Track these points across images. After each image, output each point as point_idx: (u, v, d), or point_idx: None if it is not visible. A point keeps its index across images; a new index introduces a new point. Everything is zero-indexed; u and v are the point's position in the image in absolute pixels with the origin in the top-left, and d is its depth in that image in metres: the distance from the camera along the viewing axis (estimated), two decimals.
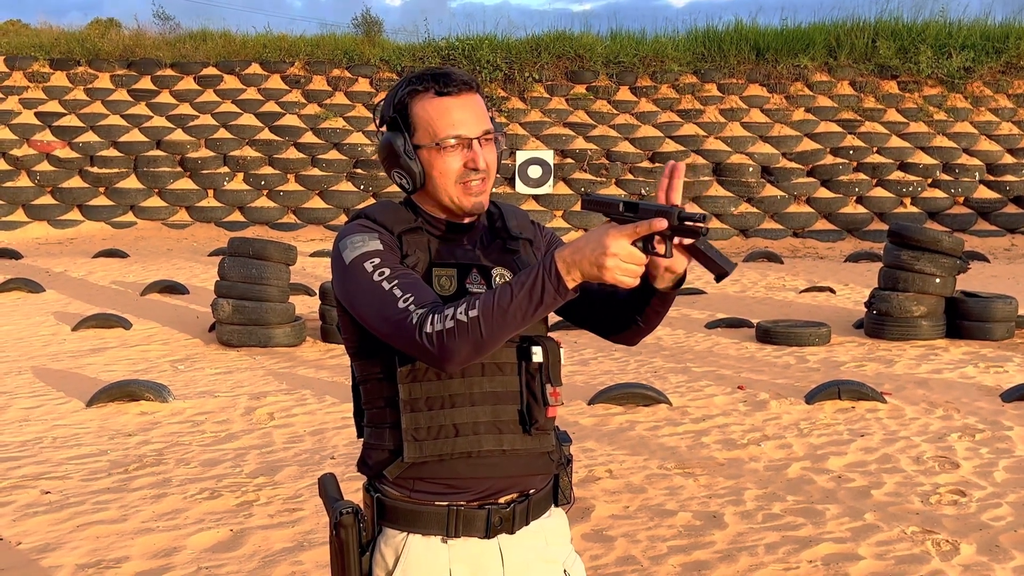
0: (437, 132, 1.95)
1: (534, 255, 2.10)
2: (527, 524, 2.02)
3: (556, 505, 2.13)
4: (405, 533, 1.97)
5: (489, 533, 1.96)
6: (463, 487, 1.95)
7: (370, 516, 2.00)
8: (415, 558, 1.95)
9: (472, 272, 1.99)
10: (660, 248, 1.77)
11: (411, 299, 1.82)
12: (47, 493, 5.20)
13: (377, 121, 2.06)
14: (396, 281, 1.86)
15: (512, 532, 1.99)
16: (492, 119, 2.06)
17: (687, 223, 1.72)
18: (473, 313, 1.74)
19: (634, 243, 1.72)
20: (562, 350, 2.01)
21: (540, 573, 2.04)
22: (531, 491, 2.03)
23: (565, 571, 2.08)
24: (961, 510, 5.00)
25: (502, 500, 1.99)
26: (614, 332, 2.11)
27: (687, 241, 1.79)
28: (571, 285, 1.74)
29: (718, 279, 1.82)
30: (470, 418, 1.92)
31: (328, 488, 2.06)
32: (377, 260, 1.90)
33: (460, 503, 1.95)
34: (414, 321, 1.79)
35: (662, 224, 1.70)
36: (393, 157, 1.99)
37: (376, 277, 1.87)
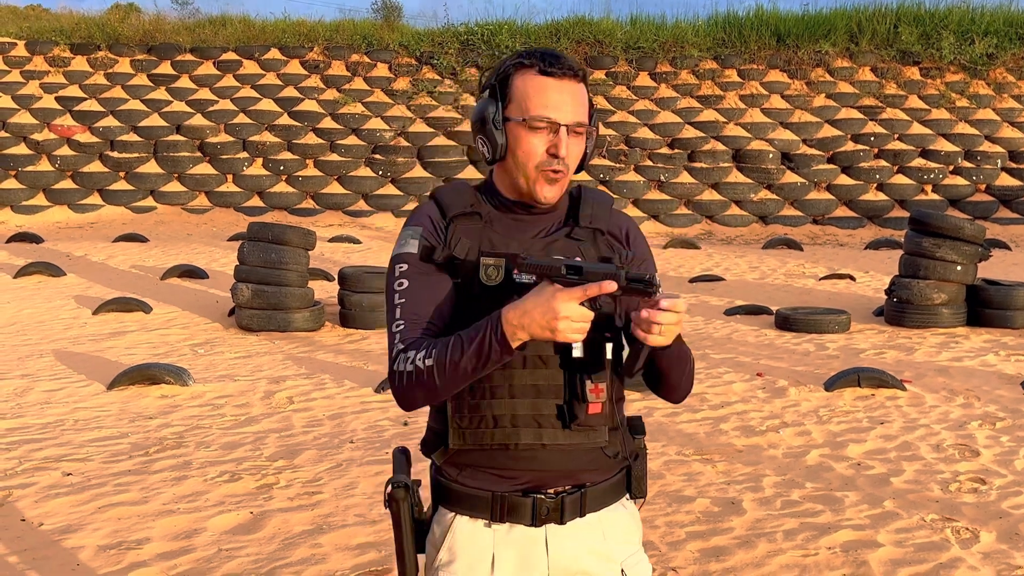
0: (529, 108, 1.92)
1: (611, 248, 2.02)
2: (581, 516, 1.98)
3: (632, 498, 2.08)
4: (454, 513, 1.99)
5: (535, 521, 1.94)
6: (507, 476, 1.94)
7: (431, 495, 2.05)
8: (460, 539, 1.98)
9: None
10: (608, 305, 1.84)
11: (402, 327, 1.92)
12: (69, 475, 5.24)
13: (479, 87, 2.05)
14: (404, 300, 1.94)
15: (562, 522, 1.96)
16: (592, 115, 2.00)
17: (634, 284, 1.75)
18: (429, 362, 1.83)
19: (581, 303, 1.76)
20: (608, 344, 1.92)
21: (590, 567, 1.99)
22: (585, 483, 1.98)
23: (623, 571, 2.02)
24: (981, 498, 4.98)
25: (551, 490, 1.96)
26: (655, 388, 2.07)
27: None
28: (515, 345, 1.79)
29: (631, 375, 1.91)
30: (508, 410, 1.91)
31: (395, 462, 2.09)
32: (405, 267, 1.97)
33: (505, 490, 1.94)
34: (393, 353, 1.91)
35: (612, 286, 1.73)
36: (480, 123, 1.97)
37: (396, 286, 1.96)
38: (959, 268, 9.83)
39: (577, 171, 2.03)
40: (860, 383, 7.22)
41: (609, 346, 1.91)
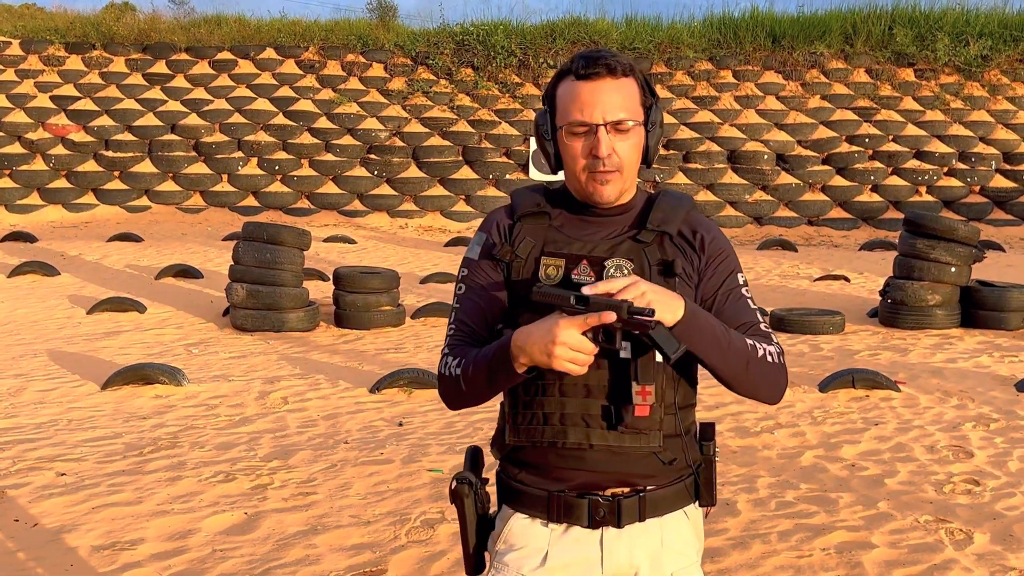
0: (566, 115, 1.95)
1: (680, 251, 2.00)
2: (640, 520, 1.95)
3: (701, 505, 2.05)
4: (514, 511, 2.02)
5: (592, 524, 1.94)
6: (560, 476, 1.96)
7: (496, 492, 2.09)
8: (517, 535, 2.01)
9: (581, 263, 1.95)
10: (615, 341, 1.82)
11: (452, 331, 2.03)
12: (63, 475, 5.24)
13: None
14: (459, 306, 2.05)
15: (619, 526, 1.94)
16: (647, 108, 1.99)
17: (636, 317, 1.75)
18: (457, 372, 1.94)
19: (584, 334, 1.77)
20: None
21: (644, 573, 1.97)
22: (644, 487, 1.96)
23: None
24: (975, 499, 4.99)
25: (608, 492, 1.95)
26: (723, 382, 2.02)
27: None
28: (520, 369, 1.82)
29: (666, 360, 1.86)
30: (557, 408, 1.92)
31: (466, 458, 2.11)
32: (466, 271, 2.06)
33: (563, 490, 1.95)
34: (442, 352, 2.03)
35: (611, 317, 1.74)
36: (537, 136, 2.04)
37: (457, 290, 2.07)
38: (953, 269, 9.84)
39: (646, 166, 2.05)
40: (854, 384, 7.23)
41: (627, 344, 1.89)
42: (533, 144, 20.11)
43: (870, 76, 21.80)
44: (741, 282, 2.07)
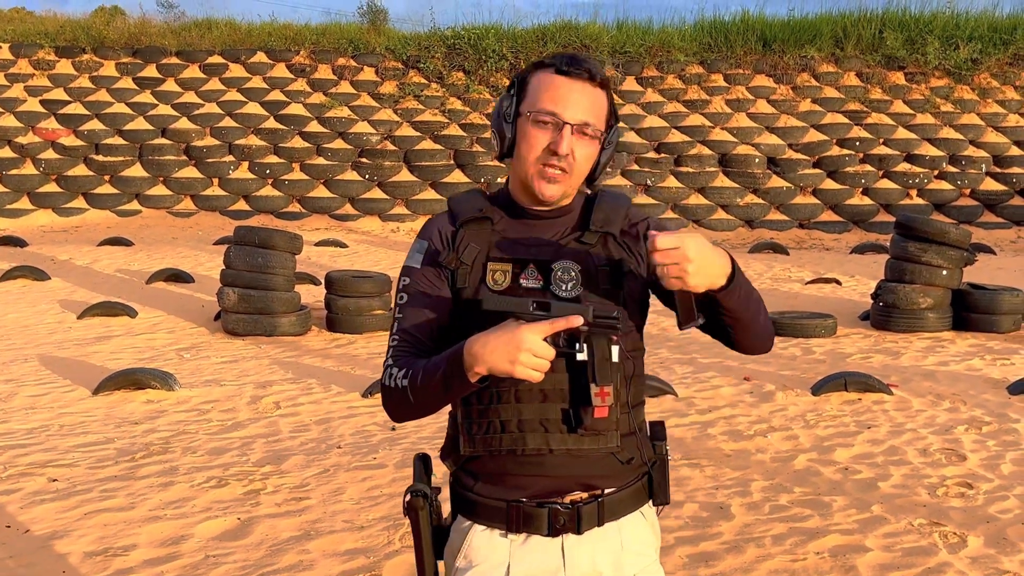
0: (536, 103, 1.92)
1: (624, 249, 2.00)
2: (599, 525, 1.95)
3: (655, 504, 2.06)
4: (471, 522, 1.98)
5: (552, 532, 1.92)
6: (519, 484, 1.93)
7: (450, 503, 2.05)
8: (477, 548, 1.97)
9: (528, 267, 1.95)
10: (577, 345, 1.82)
11: (395, 342, 1.98)
12: (54, 481, 5.21)
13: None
14: (401, 316, 2.00)
15: (579, 532, 1.93)
16: (611, 126, 2.00)
17: (601, 319, 1.76)
18: (404, 383, 1.88)
19: (544, 339, 1.75)
20: (615, 347, 1.87)
21: None
22: (603, 491, 1.95)
23: None
24: (968, 502, 5.00)
25: (567, 499, 1.93)
26: (726, 341, 2.03)
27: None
28: (473, 379, 1.78)
29: (681, 327, 1.86)
30: (514, 415, 1.90)
31: (415, 469, 2.08)
32: (407, 280, 2.02)
33: (520, 499, 1.93)
34: (384, 365, 1.98)
35: (578, 321, 1.74)
36: (496, 117, 1.99)
37: (398, 300, 2.02)
38: (945, 272, 9.86)
39: (590, 181, 2.02)
40: (847, 387, 7.24)
41: (615, 348, 1.88)
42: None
43: (860, 79, 21.85)
44: None
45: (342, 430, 6.32)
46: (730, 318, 1.92)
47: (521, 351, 1.71)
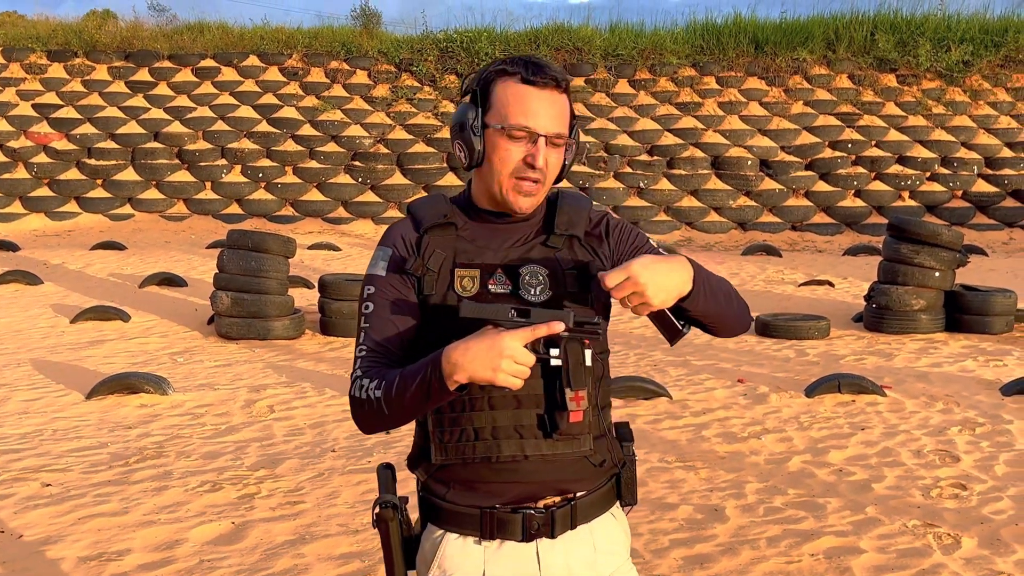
0: (508, 116, 1.90)
1: (589, 251, 2.00)
2: (572, 528, 1.95)
3: (623, 505, 2.07)
4: (443, 531, 1.96)
5: (526, 537, 1.92)
6: (493, 491, 1.91)
7: (419, 511, 2.03)
8: (451, 556, 1.95)
9: (496, 272, 1.94)
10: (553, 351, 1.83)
11: (363, 353, 1.94)
12: (48, 486, 5.20)
13: (461, 91, 2.03)
14: (368, 325, 1.96)
15: (552, 536, 1.93)
16: (573, 127, 1.99)
17: (583, 325, 1.76)
18: (378, 394, 1.84)
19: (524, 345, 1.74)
20: (588, 351, 1.88)
21: None
22: (575, 494, 1.95)
23: None
24: (962, 504, 5.01)
25: (540, 504, 1.93)
26: (707, 331, 2.06)
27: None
28: (452, 387, 1.76)
29: (672, 343, 1.89)
30: (488, 422, 1.88)
31: (380, 480, 2.05)
32: (372, 289, 1.99)
33: (494, 506, 1.92)
34: (352, 376, 1.93)
35: (559, 327, 1.73)
36: (459, 128, 1.96)
37: (363, 309, 1.98)
38: (937, 274, 9.89)
39: (556, 182, 2.02)
40: (840, 389, 7.25)
41: (589, 352, 1.89)
42: None
43: (852, 82, 21.90)
44: (656, 246, 2.06)
45: (336, 434, 6.31)
46: (704, 317, 1.96)
47: (503, 358, 1.69)
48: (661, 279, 1.77)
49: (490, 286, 1.93)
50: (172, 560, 4.24)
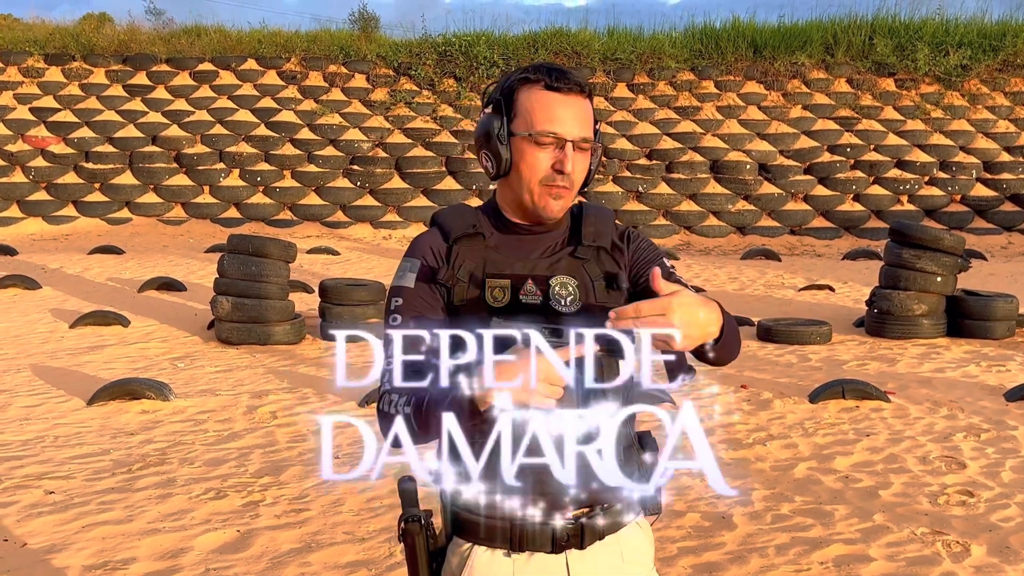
0: (535, 123, 1.89)
1: (615, 262, 1.99)
2: (600, 539, 1.94)
3: (647, 515, 2.06)
4: (471, 544, 1.94)
5: (555, 548, 1.91)
6: (520, 501, 1.88)
7: (443, 523, 2.00)
8: (479, 570, 1.93)
9: (527, 283, 1.93)
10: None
11: (391, 365, 1.84)
12: (51, 493, 5.17)
13: (483, 102, 2.02)
14: (396, 337, 1.88)
15: (582, 547, 1.92)
16: (596, 131, 1.98)
17: (614, 342, 1.70)
18: (407, 411, 1.81)
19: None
20: (622, 363, 1.81)
21: None
22: (602, 504, 1.94)
23: None
24: (970, 511, 4.99)
25: (569, 515, 1.91)
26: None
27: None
28: (484, 408, 1.70)
29: (671, 379, 1.81)
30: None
31: (403, 494, 2.01)
32: (400, 301, 1.96)
33: (520, 517, 1.89)
34: (380, 389, 1.91)
35: (592, 347, 1.68)
36: (485, 138, 1.94)
37: (390, 321, 1.95)
38: (939, 279, 9.88)
39: (583, 188, 2.00)
40: (844, 395, 7.23)
41: (622, 363, 1.85)
42: None
43: (851, 86, 21.91)
44: (669, 264, 2.03)
45: (339, 440, 6.19)
46: (714, 361, 1.89)
47: (538, 380, 1.66)
48: (692, 323, 1.68)
49: (521, 296, 1.91)
50: (178, 569, 4.22)
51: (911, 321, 9.82)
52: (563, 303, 1.92)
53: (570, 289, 1.93)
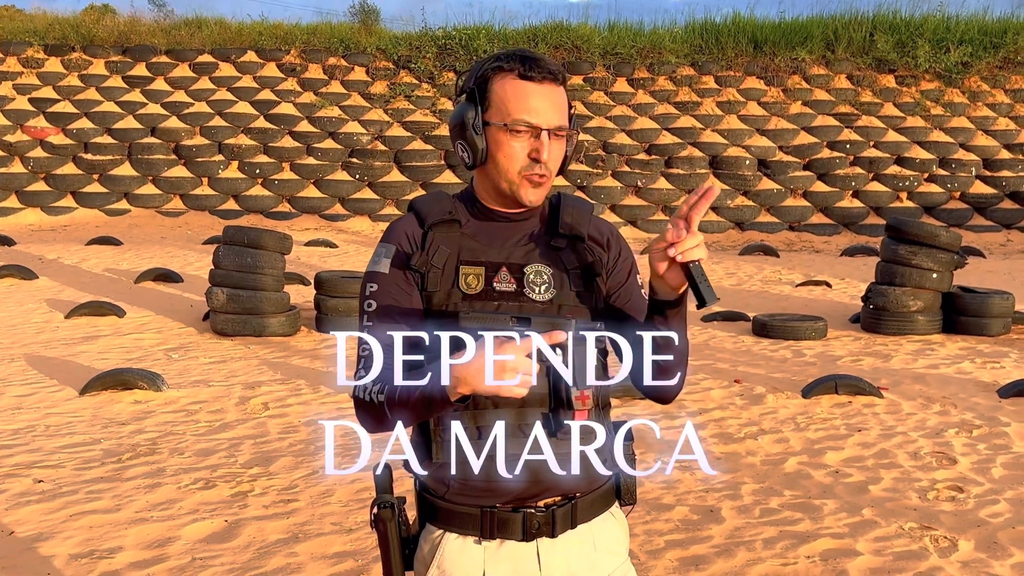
0: (510, 113, 1.89)
1: (591, 254, 1.99)
2: (572, 528, 1.94)
3: (622, 505, 2.06)
4: (442, 531, 1.94)
5: (527, 536, 1.90)
6: (494, 490, 1.89)
7: (416, 511, 2.01)
8: (450, 557, 1.93)
9: (501, 271, 1.93)
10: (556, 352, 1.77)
11: (367, 352, 1.88)
12: (40, 482, 5.16)
13: (456, 91, 2.01)
14: (370, 324, 1.92)
15: (553, 536, 1.92)
16: (571, 118, 1.98)
17: (584, 332, 1.75)
18: (381, 398, 1.81)
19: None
20: (593, 351, 1.85)
21: None
22: (575, 494, 1.94)
23: None
24: (959, 506, 4.98)
25: (540, 503, 1.92)
26: (641, 380, 1.90)
27: (682, 259, 1.82)
28: (454, 398, 1.72)
29: (699, 306, 1.86)
30: (492, 421, 1.84)
31: (378, 480, 2.01)
32: (375, 286, 1.95)
33: (495, 505, 1.90)
34: (355, 377, 1.90)
35: (561, 336, 1.70)
36: (460, 128, 1.94)
37: (365, 306, 1.95)
38: (935, 275, 9.87)
39: (559, 174, 2.00)
40: (837, 390, 7.23)
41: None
42: None
43: (851, 82, 21.89)
44: (639, 281, 2.07)
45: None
46: (677, 336, 1.92)
47: (506, 370, 1.66)
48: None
49: (495, 284, 1.91)
50: (164, 558, 4.21)
51: (907, 317, 9.81)
52: (537, 291, 1.92)
53: (544, 277, 1.94)
